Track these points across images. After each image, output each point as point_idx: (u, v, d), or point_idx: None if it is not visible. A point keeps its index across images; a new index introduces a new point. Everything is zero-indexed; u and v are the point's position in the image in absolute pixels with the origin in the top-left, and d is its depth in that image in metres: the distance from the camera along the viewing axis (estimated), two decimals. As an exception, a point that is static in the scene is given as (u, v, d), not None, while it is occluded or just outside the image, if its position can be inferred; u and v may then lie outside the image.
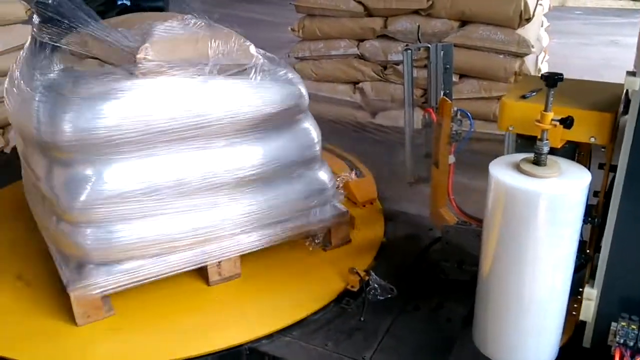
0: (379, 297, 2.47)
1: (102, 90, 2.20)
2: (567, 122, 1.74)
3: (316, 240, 2.84)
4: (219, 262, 2.56)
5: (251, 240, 2.62)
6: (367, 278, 2.51)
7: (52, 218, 2.39)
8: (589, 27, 8.03)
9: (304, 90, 2.63)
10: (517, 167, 1.79)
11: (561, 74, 1.74)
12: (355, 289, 2.50)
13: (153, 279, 2.43)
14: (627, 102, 1.79)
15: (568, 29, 7.56)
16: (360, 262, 2.66)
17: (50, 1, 2.40)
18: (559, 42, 6.34)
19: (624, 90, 1.87)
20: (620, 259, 1.81)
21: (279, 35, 6.39)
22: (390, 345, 2.24)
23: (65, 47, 2.48)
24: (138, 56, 2.23)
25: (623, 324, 1.78)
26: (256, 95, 2.46)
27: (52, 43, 2.46)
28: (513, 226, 1.78)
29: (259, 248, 2.64)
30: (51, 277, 2.52)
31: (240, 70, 2.47)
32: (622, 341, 1.76)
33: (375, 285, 2.49)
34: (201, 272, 2.60)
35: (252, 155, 2.51)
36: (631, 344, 1.75)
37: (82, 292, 2.30)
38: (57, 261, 2.48)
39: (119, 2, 2.87)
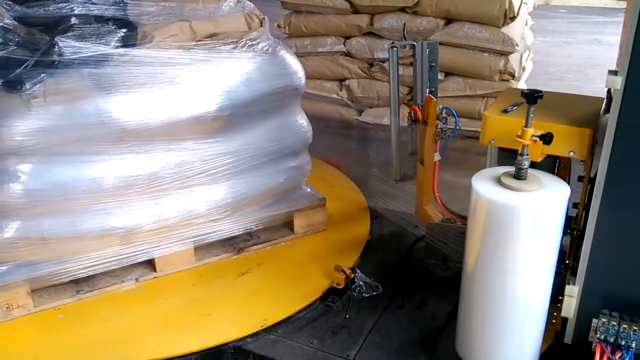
0: (364, 294, 2.48)
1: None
2: (546, 139, 1.78)
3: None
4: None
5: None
6: (352, 276, 2.51)
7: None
8: (573, 26, 8.10)
9: None
10: (499, 181, 1.82)
11: (541, 92, 1.77)
12: (340, 287, 2.50)
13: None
14: (609, 100, 1.81)
15: (552, 27, 7.62)
16: (345, 260, 2.66)
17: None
18: (543, 40, 6.40)
19: (606, 90, 1.89)
20: (601, 258, 1.83)
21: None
22: (376, 343, 2.25)
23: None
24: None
25: (604, 320, 1.80)
26: None
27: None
28: (494, 238, 1.82)
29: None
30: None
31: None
32: (602, 337, 1.78)
33: (361, 283, 2.50)
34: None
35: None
36: (611, 340, 1.76)
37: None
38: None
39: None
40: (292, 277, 2.65)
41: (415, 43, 2.67)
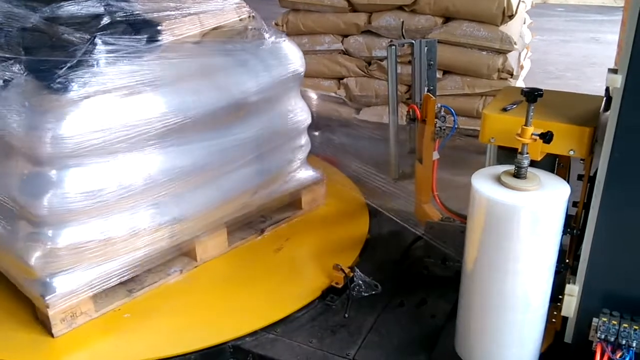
0: (363, 293, 2.47)
1: None
2: (546, 137, 1.77)
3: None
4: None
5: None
6: (351, 275, 2.50)
7: None
8: (571, 24, 8.09)
9: None
10: (499, 180, 1.82)
11: (541, 90, 1.77)
12: (339, 286, 2.49)
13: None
14: (609, 99, 1.81)
15: (550, 25, 7.62)
16: (344, 259, 2.65)
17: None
18: (541, 39, 6.39)
19: (605, 88, 1.89)
20: (601, 257, 1.83)
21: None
22: (375, 342, 2.24)
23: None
24: None
25: (604, 319, 1.80)
26: None
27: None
28: (494, 237, 1.81)
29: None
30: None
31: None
32: (603, 337, 1.78)
33: (360, 282, 2.49)
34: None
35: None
36: (612, 339, 1.76)
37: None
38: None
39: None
40: (291, 276, 2.64)
41: (413, 41, 2.67)
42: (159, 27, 2.36)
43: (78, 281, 2.26)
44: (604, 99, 1.96)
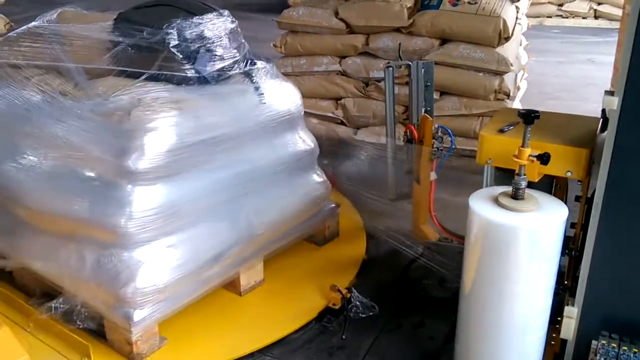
0: (360, 314, 2.45)
1: None
2: (543, 159, 1.78)
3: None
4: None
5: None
6: (348, 295, 2.49)
7: None
8: (567, 46, 8.15)
9: None
10: (496, 201, 1.82)
11: (538, 112, 1.78)
12: (336, 307, 2.47)
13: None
14: (605, 120, 1.82)
15: (546, 47, 7.67)
16: (341, 280, 2.64)
17: None
18: (537, 60, 6.43)
19: (602, 109, 1.90)
20: (599, 279, 1.82)
21: (262, 51, 6.38)
22: (372, 364, 2.22)
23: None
24: None
25: (603, 342, 1.78)
26: None
27: None
28: (492, 258, 1.81)
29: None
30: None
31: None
32: (602, 359, 1.76)
33: (357, 303, 2.47)
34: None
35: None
36: (612, 362, 1.75)
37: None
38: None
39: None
40: (288, 297, 2.62)
41: (410, 63, 2.69)
42: None
43: None
44: (601, 120, 1.97)
